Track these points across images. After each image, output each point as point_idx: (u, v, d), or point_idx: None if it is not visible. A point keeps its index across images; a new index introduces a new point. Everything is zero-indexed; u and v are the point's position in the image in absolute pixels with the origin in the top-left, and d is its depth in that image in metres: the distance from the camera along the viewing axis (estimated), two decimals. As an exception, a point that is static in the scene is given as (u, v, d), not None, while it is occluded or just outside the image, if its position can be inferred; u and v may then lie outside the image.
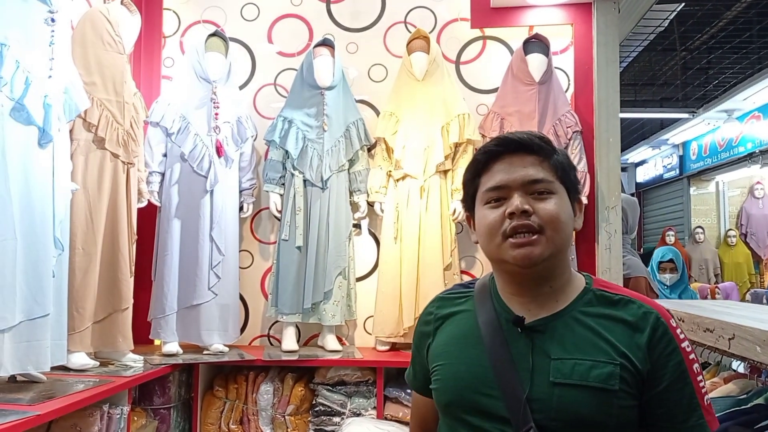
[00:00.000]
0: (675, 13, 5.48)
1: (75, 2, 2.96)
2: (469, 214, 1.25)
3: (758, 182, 9.07)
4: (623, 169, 13.35)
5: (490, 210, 1.15)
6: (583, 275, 1.21)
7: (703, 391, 1.09)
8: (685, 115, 8.95)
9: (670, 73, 7.98)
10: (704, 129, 9.49)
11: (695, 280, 8.68)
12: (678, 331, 1.09)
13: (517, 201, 1.12)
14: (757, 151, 8.08)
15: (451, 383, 1.18)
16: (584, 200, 3.21)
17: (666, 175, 11.61)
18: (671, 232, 8.90)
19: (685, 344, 1.10)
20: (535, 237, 1.11)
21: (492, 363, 1.13)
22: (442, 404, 1.21)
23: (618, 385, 1.05)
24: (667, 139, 10.43)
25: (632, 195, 12.65)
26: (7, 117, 2.18)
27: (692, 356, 1.09)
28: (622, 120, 10.08)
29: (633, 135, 11.45)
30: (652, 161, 12.25)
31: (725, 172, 9.83)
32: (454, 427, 1.17)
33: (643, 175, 12.93)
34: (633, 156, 12.34)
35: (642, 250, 10.67)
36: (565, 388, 1.07)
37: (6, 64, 2.16)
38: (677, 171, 11.04)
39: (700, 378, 1.09)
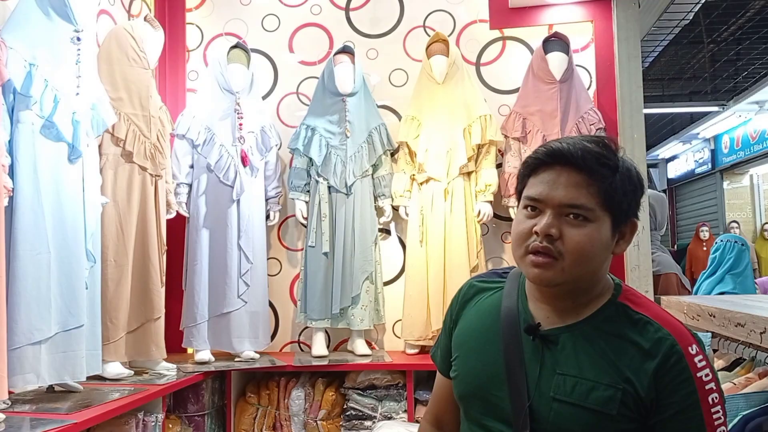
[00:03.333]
0: (699, 5, 5.40)
1: (100, 20, 3.04)
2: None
3: (794, 174, 8.90)
4: (654, 165, 13.18)
5: (524, 217, 1.12)
6: (614, 283, 1.16)
7: (717, 422, 1.03)
8: (715, 109, 8.82)
9: (698, 66, 7.85)
10: (735, 122, 9.34)
11: (731, 276, 8.50)
12: (697, 359, 1.04)
13: (544, 221, 1.08)
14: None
15: (466, 377, 1.20)
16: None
17: (698, 170, 11.43)
18: (705, 228, 8.75)
19: (702, 374, 1.04)
20: (550, 261, 1.07)
21: (506, 365, 1.13)
22: (457, 395, 1.23)
23: (616, 410, 1.03)
24: (698, 134, 10.28)
25: (664, 191, 12.49)
26: (37, 134, 2.25)
27: (710, 386, 1.03)
28: (651, 116, 9.98)
29: (662, 130, 11.30)
30: (683, 156, 12.07)
31: (759, 165, 9.66)
32: (466, 418, 1.20)
33: (674, 170, 12.74)
34: (663, 152, 12.18)
35: (675, 246, 10.50)
36: (564, 405, 1.06)
37: (35, 83, 2.23)
38: (709, 165, 10.87)
39: (715, 409, 1.03)
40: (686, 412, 1.02)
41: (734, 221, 9.23)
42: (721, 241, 4.19)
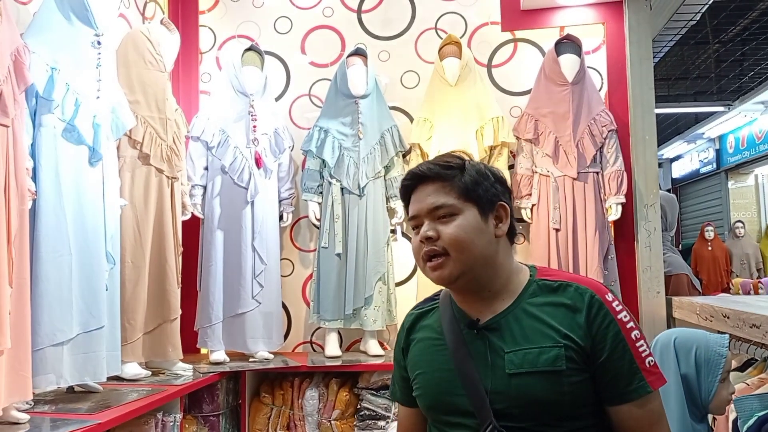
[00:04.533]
0: (707, 5, 5.41)
1: (117, 23, 3.07)
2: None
3: (799, 174, 8.90)
4: (659, 165, 13.16)
5: (414, 236, 1.28)
6: (528, 267, 1.31)
7: (644, 354, 1.19)
8: (721, 108, 8.82)
9: (704, 66, 7.86)
10: (741, 121, 9.34)
11: (737, 276, 8.53)
12: (615, 304, 1.21)
13: (423, 229, 1.25)
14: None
15: (427, 389, 1.31)
16: (623, 199, 3.20)
17: (703, 170, 11.43)
18: (710, 228, 8.76)
19: (621, 315, 1.20)
20: (442, 260, 1.22)
21: (456, 365, 1.24)
22: (424, 408, 1.33)
23: (565, 365, 1.17)
24: (703, 133, 10.28)
25: (668, 191, 12.49)
26: (59, 138, 2.28)
27: (630, 325, 1.20)
28: (656, 115, 9.98)
29: (667, 130, 11.30)
30: (688, 156, 12.08)
31: (764, 165, 9.66)
32: (438, 426, 1.30)
33: (679, 170, 12.75)
34: (668, 151, 12.18)
35: (680, 246, 10.51)
36: (520, 376, 1.18)
37: (57, 87, 2.26)
38: (714, 165, 10.87)
39: (640, 344, 1.20)
40: (617, 350, 1.18)
41: (739, 221, 9.23)
42: None
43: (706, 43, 7.26)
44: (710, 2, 5.35)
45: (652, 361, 1.20)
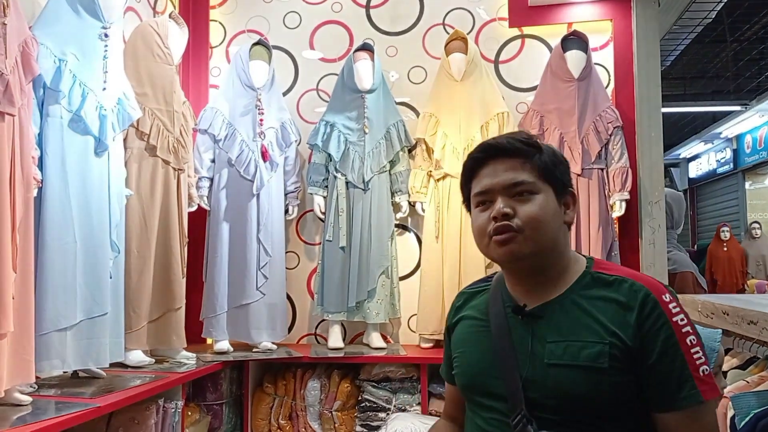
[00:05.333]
0: (722, 3, 5.36)
1: (127, 16, 3.11)
2: (469, 213, 1.33)
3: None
4: (675, 165, 13.07)
5: (479, 213, 1.24)
6: (585, 258, 1.27)
7: (699, 362, 1.11)
8: (738, 108, 8.73)
9: (721, 64, 7.78)
10: (758, 121, 9.24)
11: (752, 277, 8.46)
12: (672, 305, 1.14)
13: (498, 205, 1.19)
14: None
15: (465, 369, 1.31)
16: (627, 195, 3.20)
17: (720, 170, 11.32)
18: (726, 228, 8.69)
19: (677, 318, 1.13)
20: (512, 234, 1.18)
21: (496, 349, 1.23)
22: (460, 387, 1.34)
23: (608, 363, 1.12)
24: (720, 133, 10.18)
25: (685, 191, 12.38)
26: (66, 128, 2.32)
27: (686, 329, 1.13)
28: (672, 115, 9.90)
29: (684, 129, 11.20)
30: (705, 156, 11.96)
31: (782, 165, 9.55)
32: (471, 407, 1.30)
33: (695, 170, 12.63)
34: (685, 151, 12.08)
35: (695, 246, 10.43)
36: (559, 368, 1.15)
37: (64, 78, 2.30)
38: (731, 165, 10.76)
39: (695, 350, 1.12)
40: (668, 354, 1.11)
41: (756, 222, 9.14)
42: None
43: (722, 41, 7.19)
44: (724, 0, 5.31)
45: (707, 370, 1.12)
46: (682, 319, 1.14)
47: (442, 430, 1.47)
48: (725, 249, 8.71)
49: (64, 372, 2.44)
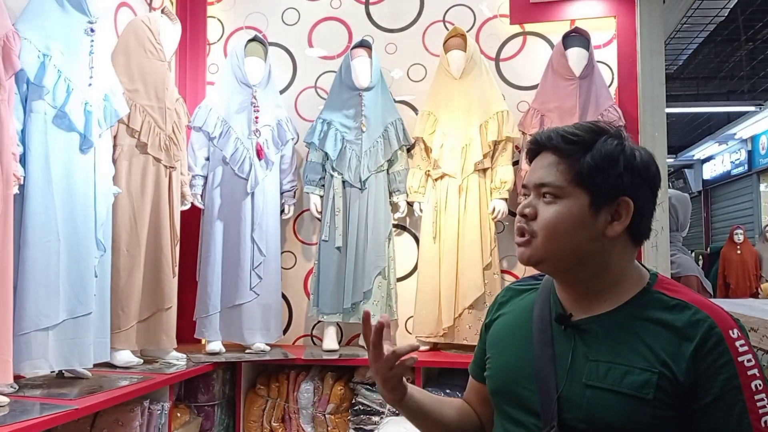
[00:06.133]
0: (734, 1, 5.25)
1: (121, 12, 3.08)
2: None
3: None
4: (689, 166, 12.91)
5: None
6: (650, 273, 1.15)
7: (762, 411, 0.97)
8: (753, 108, 8.58)
9: (735, 64, 7.64)
10: (774, 122, 9.08)
11: (766, 281, 8.32)
12: (739, 343, 1.00)
13: (523, 203, 1.14)
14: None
15: (498, 373, 1.22)
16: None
17: (734, 171, 11.16)
18: (740, 231, 8.55)
19: (744, 358, 0.99)
20: (527, 239, 1.12)
21: (534, 358, 1.13)
22: (490, 390, 1.25)
23: (653, 395, 1.00)
24: (734, 134, 10.02)
25: (699, 193, 12.22)
26: (50, 124, 2.29)
27: (753, 372, 0.99)
28: (685, 115, 9.76)
29: (698, 130, 11.05)
30: (719, 157, 11.79)
31: (798, 167, 9.38)
32: (500, 415, 1.21)
33: (709, 171, 12.46)
34: (699, 152, 11.92)
35: (709, 249, 10.27)
36: (597, 391, 1.05)
37: (48, 73, 2.26)
38: (746, 167, 10.59)
39: (760, 397, 0.98)
40: (727, 398, 0.98)
41: (770, 224, 9.01)
42: None
43: (736, 39, 7.05)
44: (737, -2, 5.20)
45: None
46: (749, 360, 0.99)
47: (458, 403, 1.38)
48: (739, 252, 8.57)
49: (51, 372, 2.41)
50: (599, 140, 1.10)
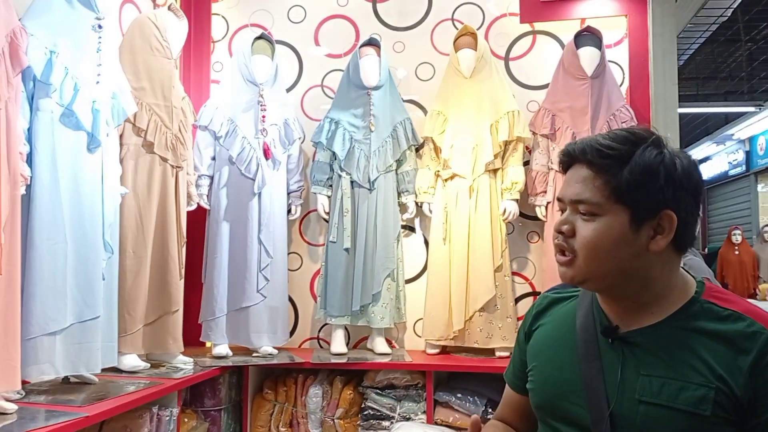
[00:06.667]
0: (738, 1, 5.23)
1: (125, 9, 3.02)
2: None
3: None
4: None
5: (559, 216, 1.14)
6: (696, 281, 1.10)
7: None
8: (752, 109, 8.58)
9: (735, 65, 7.64)
10: (773, 123, 9.08)
11: (764, 281, 8.33)
12: None
13: (560, 219, 1.10)
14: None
15: (543, 386, 1.17)
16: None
17: (732, 172, 11.17)
18: (737, 231, 8.55)
19: None
20: (569, 258, 1.07)
21: (582, 372, 1.09)
22: (534, 404, 1.20)
23: (711, 411, 0.96)
24: (732, 134, 10.02)
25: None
26: (57, 123, 2.23)
27: None
28: (684, 115, 9.74)
29: (696, 131, 11.05)
30: (717, 158, 11.81)
31: (796, 168, 9.40)
32: (544, 428, 1.17)
33: (707, 172, 12.46)
34: (696, 152, 11.92)
35: (706, 250, 10.28)
36: (651, 407, 1.01)
37: (55, 71, 2.20)
38: (743, 167, 10.60)
39: None
40: None
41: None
42: None
43: (737, 40, 7.04)
44: (741, -2, 5.18)
45: None
46: None
47: (499, 428, 1.32)
48: (737, 252, 8.58)
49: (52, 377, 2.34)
50: (636, 151, 1.03)
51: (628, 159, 1.03)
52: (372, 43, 3.35)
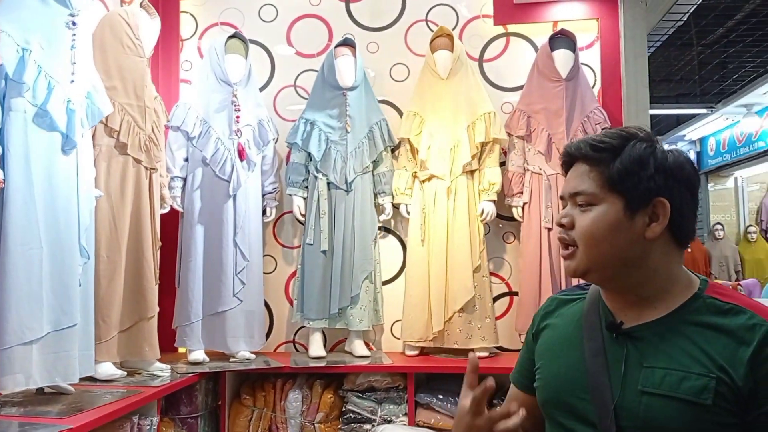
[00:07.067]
0: (695, 6, 5.37)
1: (93, 6, 2.92)
2: None
3: (778, 177, 8.95)
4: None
5: None
6: (700, 279, 1.12)
7: None
8: (703, 111, 8.83)
9: (688, 68, 7.85)
10: (722, 124, 9.36)
11: (716, 278, 8.57)
12: None
13: (560, 213, 1.15)
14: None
15: (550, 383, 1.19)
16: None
17: (683, 172, 11.46)
18: (690, 229, 8.76)
19: None
20: (570, 251, 1.13)
21: (587, 367, 1.12)
22: (541, 401, 1.22)
23: (712, 400, 0.98)
24: (684, 135, 10.30)
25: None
26: (30, 123, 2.14)
27: None
28: (638, 117, 9.94)
29: (648, 132, 11.30)
30: (668, 158, 12.11)
31: (744, 168, 9.71)
32: (551, 425, 1.19)
33: (658, 172, 12.80)
34: (648, 153, 12.22)
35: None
36: (654, 397, 1.03)
37: (28, 69, 2.12)
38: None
39: None
40: None
41: (718, 223, 9.28)
42: None
43: (690, 45, 7.23)
44: (699, 2, 5.31)
45: None
46: None
47: None
48: (689, 250, 8.74)
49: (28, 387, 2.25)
50: (628, 145, 1.10)
51: (620, 151, 1.09)
52: (347, 43, 3.31)
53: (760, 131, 8.55)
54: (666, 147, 1.12)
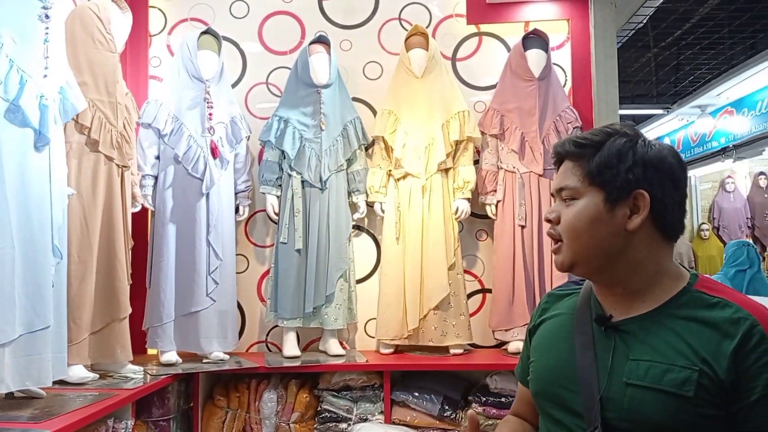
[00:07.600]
0: (654, 8, 5.50)
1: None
2: None
3: (729, 176, 9.20)
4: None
5: None
6: (690, 273, 1.14)
7: None
8: (659, 112, 9.06)
9: (646, 70, 8.05)
10: (677, 125, 9.61)
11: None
12: None
13: (548, 209, 1.20)
14: (731, 146, 8.20)
15: (540, 375, 1.22)
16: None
17: (639, 171, 11.72)
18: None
19: None
20: (558, 245, 1.17)
21: (575, 359, 1.14)
22: (533, 393, 1.25)
23: (693, 392, 1.00)
24: (640, 136, 10.56)
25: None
26: (1, 119, 2.07)
27: None
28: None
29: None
30: (625, 157, 12.38)
31: (698, 167, 9.98)
32: (542, 416, 1.23)
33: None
34: (606, 153, 12.47)
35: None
36: (638, 389, 1.04)
37: (-1, 63, 2.04)
38: (650, 167, 11.15)
39: None
40: None
41: (674, 221, 9.52)
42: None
43: (647, 47, 7.41)
44: (657, 5, 5.45)
45: None
46: None
47: (512, 423, 1.37)
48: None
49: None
50: (609, 140, 1.13)
51: (601, 147, 1.13)
52: (322, 40, 3.29)
53: (714, 131, 8.80)
54: (653, 141, 1.14)
